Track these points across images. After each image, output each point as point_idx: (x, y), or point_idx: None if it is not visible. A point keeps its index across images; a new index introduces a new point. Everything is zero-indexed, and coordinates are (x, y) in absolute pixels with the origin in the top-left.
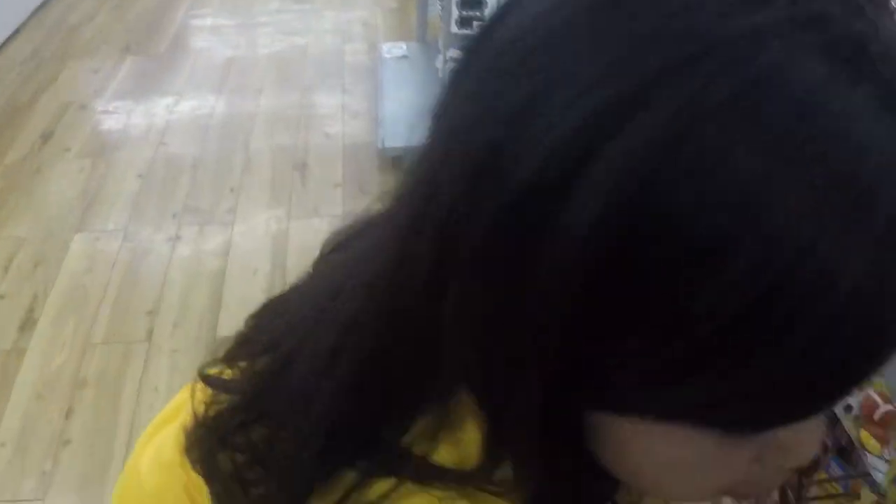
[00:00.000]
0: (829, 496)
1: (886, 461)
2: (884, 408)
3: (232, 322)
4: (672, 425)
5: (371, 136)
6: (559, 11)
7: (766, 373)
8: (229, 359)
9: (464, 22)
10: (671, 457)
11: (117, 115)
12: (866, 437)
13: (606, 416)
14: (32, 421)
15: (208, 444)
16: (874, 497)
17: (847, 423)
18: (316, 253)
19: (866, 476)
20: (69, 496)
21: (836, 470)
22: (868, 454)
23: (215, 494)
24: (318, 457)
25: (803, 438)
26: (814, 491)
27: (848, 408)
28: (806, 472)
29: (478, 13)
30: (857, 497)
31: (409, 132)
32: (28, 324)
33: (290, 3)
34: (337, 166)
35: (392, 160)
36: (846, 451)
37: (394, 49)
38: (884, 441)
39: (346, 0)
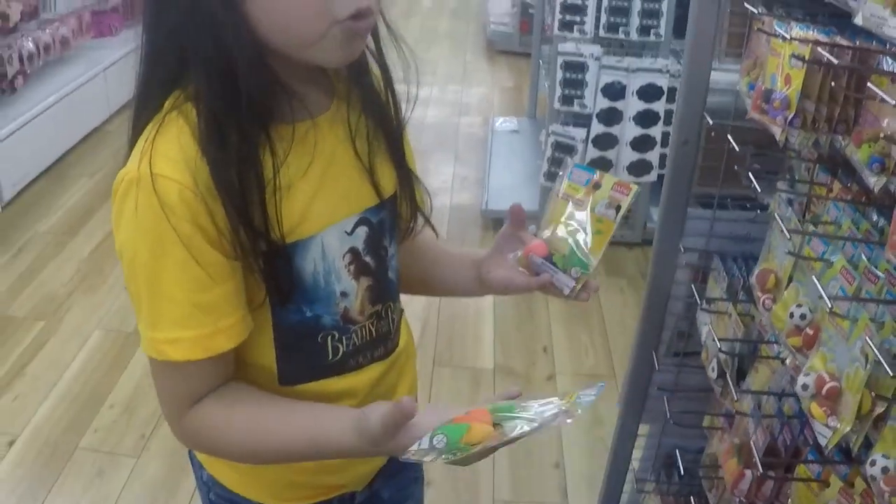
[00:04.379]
0: (802, 479)
1: (829, 427)
2: (830, 384)
3: None
4: None
5: (476, 199)
6: None
7: None
8: None
9: (565, 100)
10: None
11: None
12: (815, 409)
13: None
14: (142, 392)
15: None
16: (841, 484)
17: (805, 401)
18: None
19: (836, 465)
20: (160, 459)
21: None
22: (816, 422)
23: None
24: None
25: None
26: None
27: (805, 387)
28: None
29: (578, 92)
30: (828, 485)
31: (512, 197)
32: None
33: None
34: (442, 223)
35: (493, 221)
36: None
37: (506, 123)
38: (829, 412)
39: (467, 77)
